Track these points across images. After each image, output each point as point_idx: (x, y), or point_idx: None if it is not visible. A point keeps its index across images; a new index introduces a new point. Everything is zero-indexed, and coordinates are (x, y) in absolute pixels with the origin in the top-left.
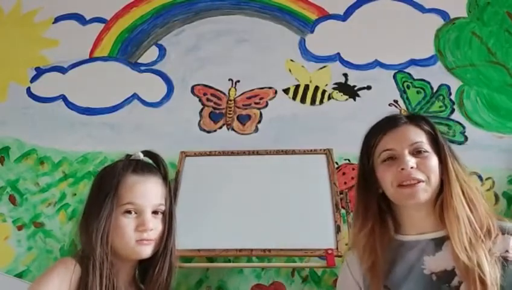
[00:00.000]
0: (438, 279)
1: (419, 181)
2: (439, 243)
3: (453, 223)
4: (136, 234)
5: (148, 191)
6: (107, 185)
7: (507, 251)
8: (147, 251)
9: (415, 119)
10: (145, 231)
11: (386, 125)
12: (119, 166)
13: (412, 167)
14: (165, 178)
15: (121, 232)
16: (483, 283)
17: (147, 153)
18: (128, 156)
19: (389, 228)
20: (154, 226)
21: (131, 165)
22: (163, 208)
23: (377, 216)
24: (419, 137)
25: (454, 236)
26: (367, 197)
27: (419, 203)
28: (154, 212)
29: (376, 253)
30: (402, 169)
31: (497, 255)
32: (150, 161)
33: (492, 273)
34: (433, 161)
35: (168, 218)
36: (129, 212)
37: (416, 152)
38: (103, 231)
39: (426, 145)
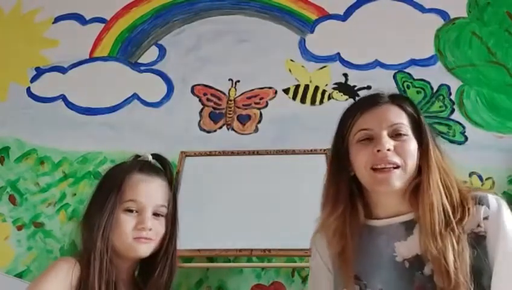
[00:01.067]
0: (410, 266)
1: (394, 166)
2: (409, 226)
3: (426, 211)
4: (135, 231)
5: (151, 191)
6: (113, 181)
7: (478, 225)
8: (144, 249)
9: (398, 99)
10: (143, 229)
11: (365, 103)
12: (126, 164)
13: (388, 149)
14: (170, 182)
15: (120, 229)
16: (447, 274)
17: (155, 155)
18: (136, 156)
19: (359, 212)
20: (154, 227)
21: (139, 164)
22: (164, 210)
23: (348, 200)
24: (400, 118)
25: (425, 223)
26: (339, 180)
27: (392, 191)
28: (156, 214)
29: (346, 238)
30: (378, 151)
31: (469, 232)
32: (158, 164)
33: (458, 263)
34: (412, 145)
35: (171, 222)
36: (130, 211)
37: (396, 134)
38: (104, 226)
39: (406, 128)
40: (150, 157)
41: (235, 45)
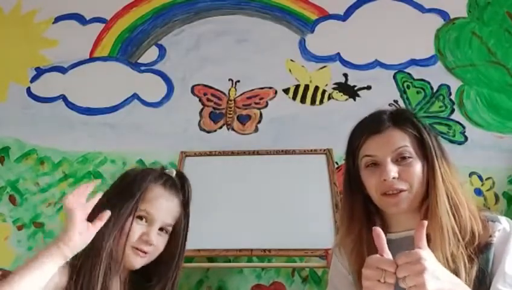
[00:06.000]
0: None
1: (401, 191)
2: (428, 237)
3: (437, 234)
4: (137, 241)
5: (167, 209)
6: (136, 187)
7: (490, 236)
8: (138, 262)
9: (399, 121)
10: (147, 242)
11: (369, 128)
12: (152, 174)
13: (394, 177)
14: (185, 203)
15: (125, 232)
16: None
17: (179, 173)
18: (162, 168)
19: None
20: (156, 242)
21: (162, 178)
22: (170, 228)
23: (363, 219)
24: (403, 142)
25: (437, 248)
26: (353, 199)
27: (403, 211)
28: (161, 229)
29: (363, 258)
30: (384, 180)
31: (484, 243)
32: (178, 182)
33: (468, 281)
34: (417, 167)
35: (181, 243)
36: (141, 218)
37: (400, 158)
38: (117, 229)
39: (410, 149)
40: (174, 173)
41: (235, 45)
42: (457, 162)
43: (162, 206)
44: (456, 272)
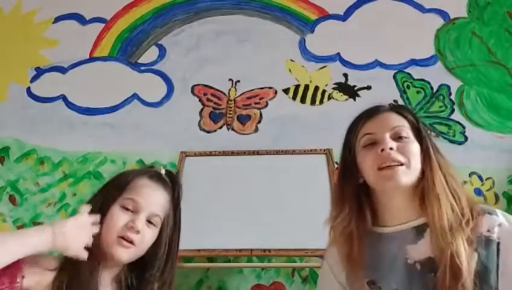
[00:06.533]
0: (422, 268)
1: (399, 164)
2: (420, 230)
3: (435, 208)
4: (123, 229)
5: (152, 197)
6: (121, 179)
7: (489, 230)
8: (123, 254)
9: (397, 107)
10: (132, 229)
11: (367, 113)
12: (138, 170)
13: (391, 148)
14: (173, 199)
15: (110, 223)
16: (459, 271)
17: (168, 171)
18: (151, 166)
19: (366, 218)
20: (143, 232)
21: (149, 172)
22: (158, 221)
23: (353, 205)
24: (401, 122)
25: (434, 220)
26: (345, 187)
27: (399, 187)
28: (149, 222)
29: (352, 240)
30: (382, 150)
31: (479, 235)
32: (167, 180)
33: (468, 263)
34: (414, 146)
35: (169, 242)
36: (126, 209)
37: (398, 137)
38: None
39: (407, 130)
40: (163, 171)
41: (235, 45)
42: (457, 162)
43: (148, 195)
44: (457, 251)
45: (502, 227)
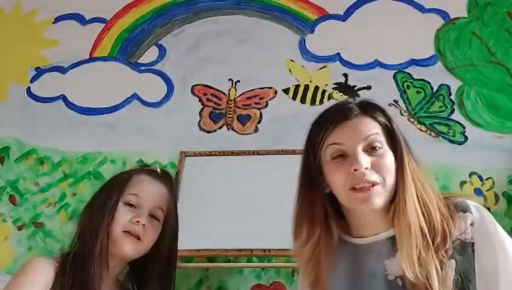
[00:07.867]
0: (403, 284)
1: (373, 184)
2: (395, 242)
3: (404, 234)
4: (127, 224)
5: (153, 191)
6: (119, 180)
7: (464, 232)
8: (129, 247)
9: (369, 109)
10: (137, 223)
11: (335, 117)
12: (135, 169)
13: (366, 168)
14: (172, 195)
15: (115, 218)
16: None
17: (163, 171)
18: (146, 165)
19: (333, 234)
20: (147, 227)
21: (146, 170)
22: (161, 215)
23: (323, 222)
24: (374, 129)
25: (402, 249)
26: (313, 201)
27: (373, 209)
28: (152, 216)
29: (320, 265)
30: (355, 170)
31: (454, 239)
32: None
33: (444, 280)
34: (389, 159)
35: (172, 239)
36: (130, 205)
37: (371, 148)
38: (107, 219)
39: (381, 139)
40: (158, 170)
41: (235, 45)
42: (457, 162)
43: (149, 189)
44: (427, 278)
45: (474, 226)
